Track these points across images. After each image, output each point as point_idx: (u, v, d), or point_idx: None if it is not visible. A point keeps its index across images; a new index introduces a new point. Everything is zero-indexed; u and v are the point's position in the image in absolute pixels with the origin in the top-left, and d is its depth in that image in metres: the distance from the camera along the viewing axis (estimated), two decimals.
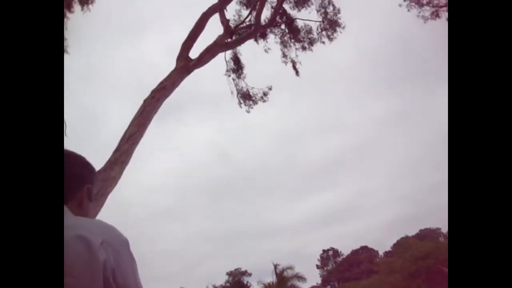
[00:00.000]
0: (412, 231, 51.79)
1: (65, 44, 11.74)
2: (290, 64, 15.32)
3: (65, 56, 11.68)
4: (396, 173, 76.88)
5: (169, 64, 11.33)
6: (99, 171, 8.34)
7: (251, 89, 15.20)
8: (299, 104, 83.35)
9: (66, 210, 1.37)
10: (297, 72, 15.30)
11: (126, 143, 9.17)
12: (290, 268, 34.19)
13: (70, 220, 1.33)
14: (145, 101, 10.15)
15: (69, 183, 1.42)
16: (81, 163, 1.58)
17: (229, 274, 47.82)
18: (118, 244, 1.31)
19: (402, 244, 38.13)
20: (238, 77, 15.24)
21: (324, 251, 63.58)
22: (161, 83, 10.61)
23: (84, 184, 1.51)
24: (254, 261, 70.13)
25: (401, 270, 29.34)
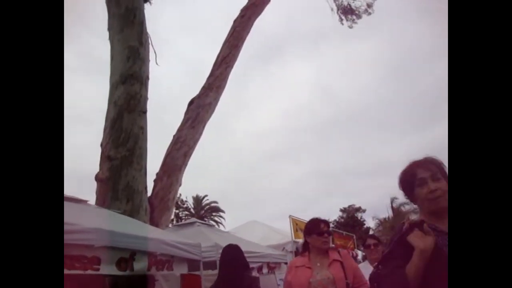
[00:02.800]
0: None
1: None
2: None
3: None
4: None
5: None
6: (193, 98, 8.75)
7: (353, 1, 13.61)
8: (406, 30, 77.55)
9: None
10: None
11: (219, 67, 9.27)
12: (408, 203, 32.70)
13: None
14: (235, 21, 9.94)
15: None
16: None
17: (343, 210, 48.28)
18: None
19: None
20: None
21: None
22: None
23: None
24: (367, 199, 70.67)
25: None
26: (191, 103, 8.74)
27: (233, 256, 3.31)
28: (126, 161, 6.85)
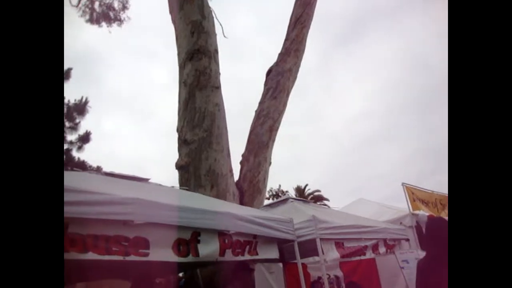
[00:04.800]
0: None
1: None
2: None
3: None
4: None
5: None
6: (271, 67, 7.94)
7: None
8: None
9: None
10: None
11: (294, 29, 8.33)
12: None
13: None
14: None
15: None
16: None
17: None
18: None
19: None
20: None
21: None
22: None
23: None
24: None
25: None
26: (269, 72, 7.79)
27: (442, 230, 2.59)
28: (205, 143, 6.19)
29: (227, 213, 2.87)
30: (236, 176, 6.83)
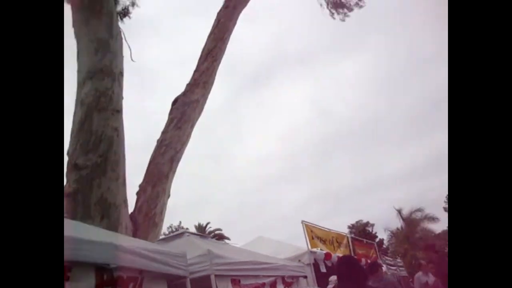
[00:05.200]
0: None
1: None
2: None
3: None
4: None
5: None
6: (178, 97, 7.75)
7: None
8: (396, 46, 78.43)
9: None
10: None
11: (205, 61, 8.29)
12: (419, 210, 31.99)
13: None
14: (219, 13, 9.09)
15: None
16: None
17: (351, 227, 46.44)
18: None
19: None
20: None
21: None
22: None
23: None
24: (374, 213, 70.71)
25: None
26: (175, 101, 7.60)
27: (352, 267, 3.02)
28: (98, 170, 5.62)
29: (108, 243, 2.51)
30: (131, 208, 6.31)
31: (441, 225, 32.68)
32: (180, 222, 34.83)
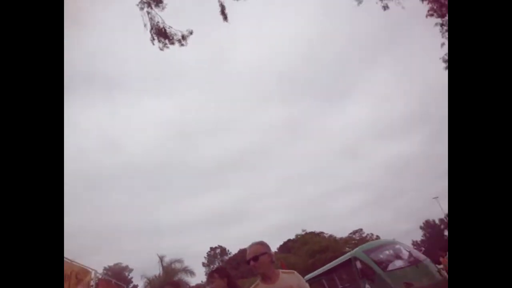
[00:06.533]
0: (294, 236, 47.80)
1: None
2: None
3: None
4: (284, 181, 76.51)
5: None
6: None
7: (168, 28, 12.70)
8: (199, 99, 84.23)
9: None
10: (225, 17, 12.32)
11: None
12: (179, 261, 32.12)
13: None
14: None
15: None
16: None
17: (106, 269, 43.21)
18: None
19: (298, 240, 40.05)
20: (156, 5, 12.55)
21: (211, 248, 60.54)
22: None
23: None
24: (139, 258, 65.28)
25: (296, 264, 29.96)
26: None
27: None
28: None
29: None
30: None
31: (196, 279, 35.14)
32: None
